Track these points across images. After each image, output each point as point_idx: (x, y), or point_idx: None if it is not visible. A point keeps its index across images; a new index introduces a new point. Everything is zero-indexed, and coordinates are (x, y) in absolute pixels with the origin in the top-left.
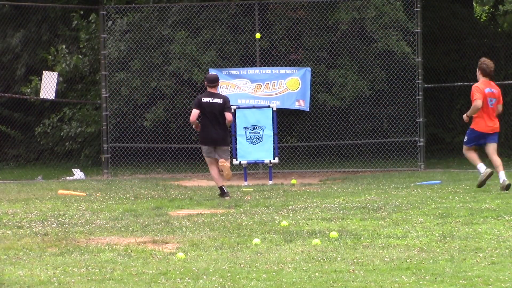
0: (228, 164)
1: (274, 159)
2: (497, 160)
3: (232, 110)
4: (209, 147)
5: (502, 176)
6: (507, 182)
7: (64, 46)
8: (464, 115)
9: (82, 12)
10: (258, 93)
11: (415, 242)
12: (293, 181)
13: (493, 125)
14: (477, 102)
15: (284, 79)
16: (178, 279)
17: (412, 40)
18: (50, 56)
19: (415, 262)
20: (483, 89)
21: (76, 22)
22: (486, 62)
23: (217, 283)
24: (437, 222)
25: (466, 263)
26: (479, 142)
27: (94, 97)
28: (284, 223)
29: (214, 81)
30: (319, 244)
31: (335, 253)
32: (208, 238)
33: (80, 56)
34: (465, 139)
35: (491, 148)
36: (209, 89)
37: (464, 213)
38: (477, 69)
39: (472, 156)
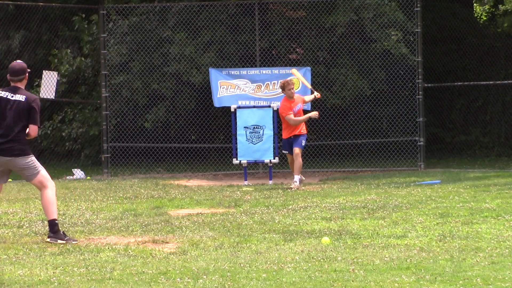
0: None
1: (274, 158)
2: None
3: (233, 110)
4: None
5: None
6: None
7: (68, 50)
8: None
9: (84, 15)
10: (258, 93)
11: (415, 241)
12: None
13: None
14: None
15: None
16: (178, 279)
17: (412, 40)
18: (56, 60)
19: (415, 262)
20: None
21: (78, 24)
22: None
23: (217, 283)
24: (437, 221)
25: (466, 263)
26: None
27: (96, 98)
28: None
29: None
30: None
31: (335, 253)
32: (208, 238)
33: (83, 59)
34: (304, 144)
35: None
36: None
37: (464, 212)
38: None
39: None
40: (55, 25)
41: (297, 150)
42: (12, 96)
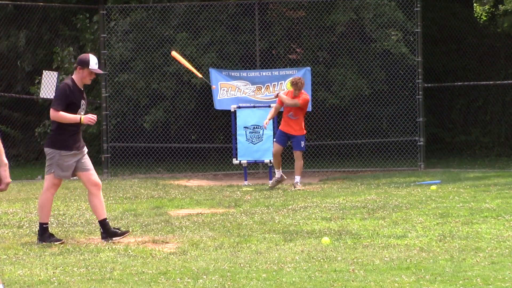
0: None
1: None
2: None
3: (233, 110)
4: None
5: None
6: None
7: (72, 49)
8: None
9: (88, 15)
10: (259, 95)
11: (415, 242)
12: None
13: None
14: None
15: (285, 80)
16: (178, 279)
17: (412, 40)
18: (59, 58)
19: (415, 262)
20: None
21: (80, 23)
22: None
23: (217, 283)
24: (437, 222)
25: (466, 263)
26: None
27: (95, 97)
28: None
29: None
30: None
31: (335, 253)
32: (208, 238)
33: None
34: (304, 145)
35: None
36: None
37: (464, 213)
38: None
39: None
40: (55, 25)
41: (297, 153)
42: None
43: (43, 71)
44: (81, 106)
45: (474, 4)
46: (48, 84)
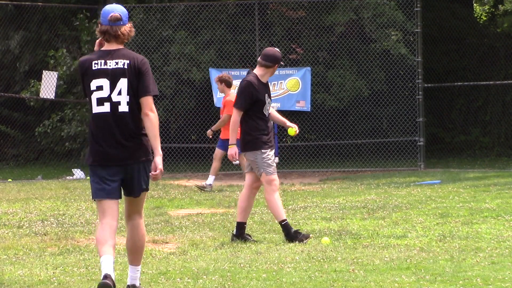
0: None
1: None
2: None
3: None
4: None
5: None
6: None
7: (64, 50)
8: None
9: (88, 14)
10: None
11: (415, 242)
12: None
13: None
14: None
15: (284, 80)
16: (178, 279)
17: (412, 40)
18: (52, 61)
19: (415, 262)
20: None
21: (78, 22)
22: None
23: (217, 283)
24: (437, 222)
25: (466, 263)
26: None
27: None
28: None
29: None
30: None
31: (335, 253)
32: (208, 238)
33: None
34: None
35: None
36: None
37: (464, 213)
38: (223, 83)
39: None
40: (55, 25)
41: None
42: None
43: (43, 71)
44: (266, 101)
45: (474, 4)
46: (48, 84)
